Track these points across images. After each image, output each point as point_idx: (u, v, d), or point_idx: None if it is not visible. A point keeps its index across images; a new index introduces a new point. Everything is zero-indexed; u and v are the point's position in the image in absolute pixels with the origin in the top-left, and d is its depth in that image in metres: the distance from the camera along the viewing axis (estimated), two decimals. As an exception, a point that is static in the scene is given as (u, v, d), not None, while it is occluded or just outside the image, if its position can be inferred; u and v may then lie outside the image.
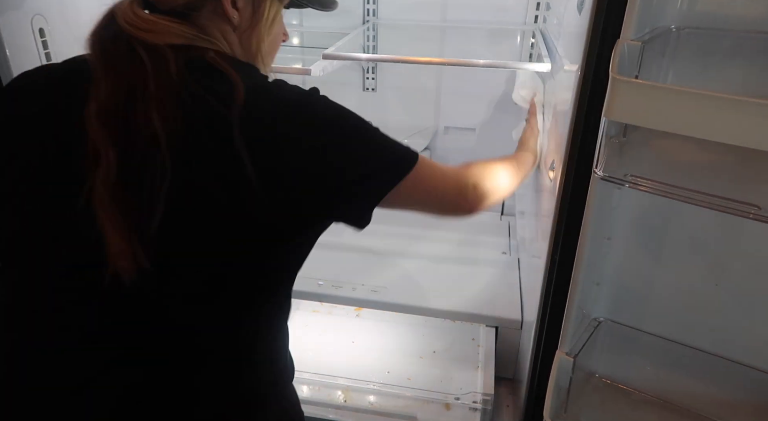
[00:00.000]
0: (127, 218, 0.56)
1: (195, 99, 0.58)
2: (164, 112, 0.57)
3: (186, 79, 0.59)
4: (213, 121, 0.57)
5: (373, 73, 1.72)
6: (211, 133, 0.57)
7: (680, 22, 0.73)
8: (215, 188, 0.57)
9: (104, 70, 0.59)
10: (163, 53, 0.59)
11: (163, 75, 0.58)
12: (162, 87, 0.58)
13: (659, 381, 0.87)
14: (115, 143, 0.56)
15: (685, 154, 0.71)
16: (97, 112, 0.57)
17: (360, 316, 1.40)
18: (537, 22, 1.57)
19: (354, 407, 1.17)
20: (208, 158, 0.57)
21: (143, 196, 0.56)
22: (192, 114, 0.58)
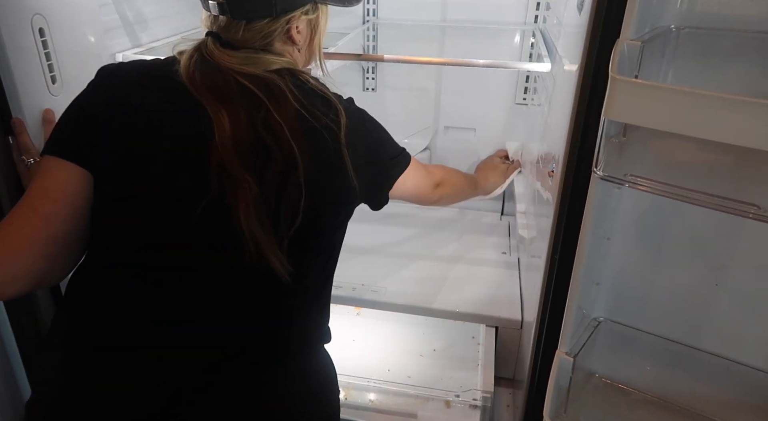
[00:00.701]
0: (269, 231, 0.67)
1: (313, 120, 0.71)
2: (290, 134, 0.68)
3: (300, 100, 0.71)
4: (328, 138, 0.72)
5: (373, 73, 1.72)
6: (327, 147, 0.72)
7: (680, 21, 0.73)
8: (333, 189, 0.74)
9: (221, 103, 0.68)
10: (272, 80, 0.71)
11: (280, 100, 0.70)
12: (282, 111, 0.69)
13: (659, 381, 0.87)
14: (250, 169, 0.66)
15: (685, 154, 0.71)
16: (225, 146, 0.66)
17: (360, 315, 1.41)
18: (537, 21, 1.57)
19: (354, 404, 1.17)
20: (328, 168, 0.72)
21: (282, 209, 0.68)
22: (312, 133, 0.71)
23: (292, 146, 0.68)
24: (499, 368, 1.27)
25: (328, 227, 0.77)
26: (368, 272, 1.41)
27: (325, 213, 0.75)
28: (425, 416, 1.15)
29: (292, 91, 0.71)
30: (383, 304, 1.32)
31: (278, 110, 0.69)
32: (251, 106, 0.69)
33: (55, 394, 0.70)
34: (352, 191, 0.76)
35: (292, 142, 0.68)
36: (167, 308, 0.70)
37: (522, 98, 1.67)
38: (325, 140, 0.72)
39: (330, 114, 0.73)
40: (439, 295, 1.33)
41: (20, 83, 0.86)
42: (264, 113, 0.69)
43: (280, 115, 0.69)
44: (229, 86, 0.70)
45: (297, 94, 0.72)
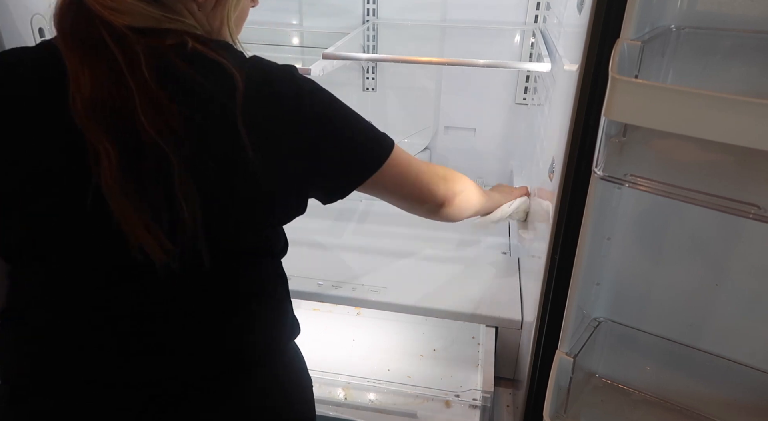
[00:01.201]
0: (142, 209, 0.57)
1: (195, 90, 0.59)
2: (154, 107, 0.56)
3: (168, 68, 0.59)
4: (216, 112, 0.59)
5: (373, 73, 1.72)
6: (215, 122, 0.59)
7: (680, 21, 0.73)
8: (220, 171, 0.60)
9: (79, 58, 0.57)
10: (131, 45, 0.58)
11: (137, 72, 0.57)
12: (141, 83, 0.57)
13: (659, 381, 0.87)
14: (111, 137, 0.56)
15: (685, 154, 0.71)
16: (85, 106, 0.56)
17: (360, 314, 1.41)
18: (537, 21, 1.57)
19: (354, 404, 1.17)
20: (212, 145, 0.60)
21: (153, 185, 0.57)
22: (192, 105, 0.59)
23: (147, 120, 0.56)
24: (499, 368, 1.27)
25: (243, 226, 0.66)
26: (368, 272, 1.41)
27: (225, 208, 0.63)
28: (425, 416, 1.15)
29: (162, 57, 0.59)
30: (383, 304, 1.32)
31: (132, 75, 0.57)
32: (112, 67, 0.57)
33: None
34: (254, 181, 0.62)
35: (150, 116, 0.56)
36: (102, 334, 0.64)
37: (522, 98, 1.67)
38: (209, 117, 0.59)
39: (217, 81, 0.59)
40: (439, 295, 1.33)
41: (20, 83, 0.86)
42: (123, 78, 0.57)
43: (136, 83, 0.56)
44: (96, 39, 0.58)
45: (169, 59, 0.59)
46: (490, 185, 1.80)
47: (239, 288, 0.69)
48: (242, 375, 0.70)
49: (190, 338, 0.67)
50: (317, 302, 1.39)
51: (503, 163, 1.77)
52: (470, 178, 0.95)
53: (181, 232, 0.58)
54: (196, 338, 0.67)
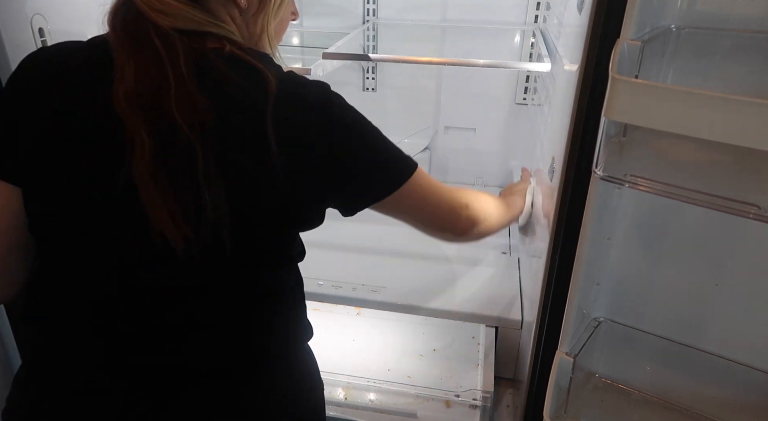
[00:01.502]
0: (168, 197, 0.59)
1: (229, 89, 0.61)
2: (189, 102, 0.59)
3: (213, 64, 0.62)
4: (247, 111, 0.61)
5: (373, 73, 1.72)
6: (245, 121, 0.61)
7: (680, 21, 0.73)
8: (246, 170, 0.62)
9: (126, 52, 0.60)
10: (174, 43, 0.61)
11: (176, 68, 0.60)
12: (179, 78, 0.59)
13: (659, 381, 0.87)
14: (148, 127, 0.58)
15: (685, 154, 0.71)
16: (126, 97, 0.58)
17: (360, 314, 1.41)
18: (537, 21, 1.57)
19: (354, 404, 1.17)
20: (240, 144, 0.62)
21: (181, 176, 0.59)
22: (225, 103, 0.61)
23: (183, 114, 0.59)
24: (499, 368, 1.27)
25: (264, 227, 0.67)
26: (368, 272, 1.41)
27: (248, 206, 0.64)
28: (425, 416, 1.15)
29: (204, 58, 0.62)
30: (383, 304, 1.32)
31: (172, 69, 0.60)
32: (158, 66, 0.60)
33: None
34: (277, 184, 0.63)
35: (185, 111, 0.59)
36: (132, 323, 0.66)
37: (522, 98, 1.67)
38: (240, 116, 0.62)
39: (253, 84, 0.62)
40: (439, 295, 1.33)
41: (20, 83, 0.86)
42: (167, 76, 0.60)
43: (174, 75, 0.59)
44: (143, 36, 0.61)
45: (210, 60, 0.62)
46: (490, 186, 1.81)
47: (257, 287, 0.70)
48: (255, 375, 0.71)
49: (207, 333, 0.68)
50: (317, 302, 1.39)
51: (503, 163, 1.77)
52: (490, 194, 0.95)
53: (204, 222, 0.60)
54: (213, 333, 0.68)
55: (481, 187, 1.81)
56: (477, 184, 1.81)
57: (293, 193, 0.65)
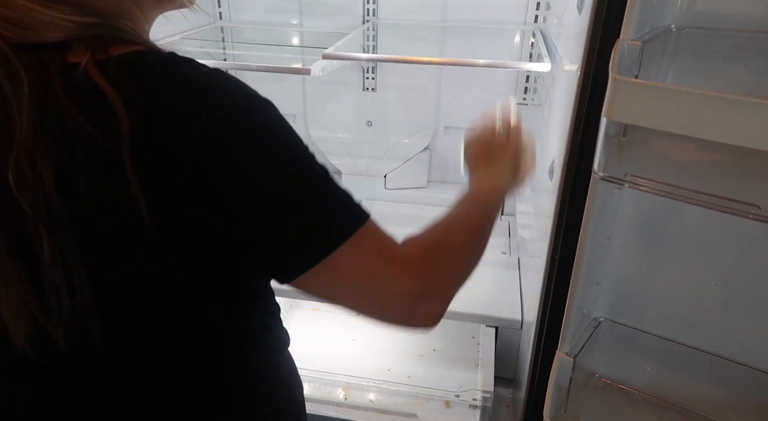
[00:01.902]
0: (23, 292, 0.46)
1: (74, 136, 0.43)
2: (28, 170, 0.43)
3: (56, 101, 0.43)
4: (99, 160, 0.43)
5: (373, 73, 1.72)
6: (100, 174, 0.44)
7: (680, 21, 0.73)
8: (113, 242, 0.46)
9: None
10: (17, 76, 0.43)
11: (19, 117, 0.42)
12: (22, 133, 0.42)
13: (659, 381, 0.87)
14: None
15: (685, 154, 0.71)
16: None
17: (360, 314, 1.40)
18: (537, 21, 1.57)
19: (354, 404, 1.17)
20: (99, 212, 0.45)
21: (33, 264, 0.45)
22: (72, 155, 0.44)
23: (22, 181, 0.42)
24: (499, 368, 1.26)
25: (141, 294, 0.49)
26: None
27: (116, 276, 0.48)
28: (425, 416, 1.15)
29: (47, 92, 0.43)
30: (383, 304, 1.31)
31: (6, 124, 0.43)
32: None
33: None
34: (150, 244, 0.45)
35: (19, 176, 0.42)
36: None
37: (522, 98, 1.67)
38: (93, 170, 0.43)
39: (103, 121, 0.43)
40: (439, 295, 1.33)
41: (20, 83, 0.86)
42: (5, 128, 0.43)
43: (18, 123, 0.42)
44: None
45: (53, 90, 0.43)
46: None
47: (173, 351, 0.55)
48: (237, 406, 0.60)
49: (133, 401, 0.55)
50: (317, 302, 1.38)
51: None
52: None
53: (57, 314, 0.47)
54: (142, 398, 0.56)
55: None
56: (477, 184, 1.81)
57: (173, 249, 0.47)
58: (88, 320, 0.47)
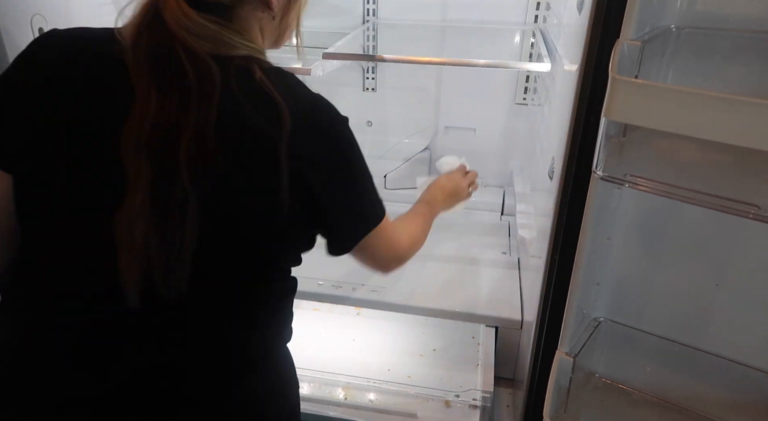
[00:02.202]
0: (161, 237, 0.57)
1: (245, 124, 0.60)
2: (201, 146, 0.57)
3: (236, 100, 0.59)
4: (261, 146, 0.60)
5: (373, 73, 1.72)
6: (259, 155, 0.60)
7: (680, 21, 0.73)
8: (254, 202, 0.62)
9: (147, 80, 0.57)
10: (210, 77, 0.58)
11: (203, 108, 0.57)
12: (201, 119, 0.57)
13: (659, 381, 0.87)
14: (151, 167, 0.56)
15: (685, 154, 0.71)
16: (137, 138, 0.56)
17: (360, 314, 1.41)
18: (537, 21, 1.57)
19: (354, 404, 1.17)
20: (252, 180, 0.61)
21: (176, 217, 0.58)
22: (239, 143, 0.60)
23: (195, 161, 0.57)
24: (499, 368, 1.26)
25: (261, 256, 0.67)
26: (368, 272, 1.41)
27: (251, 239, 0.64)
28: (425, 416, 1.15)
29: (228, 91, 0.59)
30: (383, 304, 1.32)
31: (197, 111, 0.57)
32: (182, 96, 0.57)
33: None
34: (285, 218, 0.63)
35: (194, 155, 0.57)
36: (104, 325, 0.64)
37: (522, 98, 1.67)
38: (252, 156, 0.60)
39: (270, 121, 0.60)
40: (439, 295, 1.33)
41: (20, 83, 0.86)
42: (188, 109, 0.57)
43: (196, 117, 0.57)
44: (170, 63, 0.57)
45: (234, 93, 0.59)
46: (490, 186, 1.80)
47: (249, 305, 0.69)
48: (231, 381, 0.69)
49: (186, 337, 0.66)
50: (317, 301, 1.39)
51: (503, 164, 1.77)
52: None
53: (183, 269, 0.59)
54: (191, 337, 0.67)
55: (481, 187, 1.80)
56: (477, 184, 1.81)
57: (290, 224, 0.65)
58: (198, 280, 0.60)
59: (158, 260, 0.58)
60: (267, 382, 0.74)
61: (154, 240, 0.57)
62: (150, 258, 0.58)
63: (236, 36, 0.62)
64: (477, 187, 1.22)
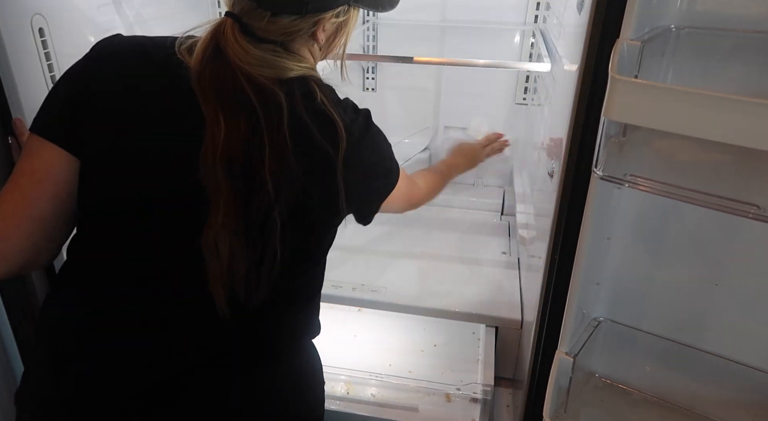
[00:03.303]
0: (247, 254, 0.64)
1: (311, 144, 0.66)
2: (283, 164, 0.64)
3: (299, 122, 0.66)
4: (323, 162, 0.68)
5: (373, 73, 1.72)
6: (321, 171, 0.68)
7: (680, 21, 0.73)
8: (321, 217, 0.71)
9: (214, 106, 0.63)
10: (272, 98, 0.64)
11: (273, 128, 0.63)
12: (275, 138, 0.63)
13: (659, 381, 0.87)
14: (231, 187, 0.62)
15: (685, 154, 0.71)
16: (213, 159, 0.61)
17: (361, 311, 1.41)
18: (537, 21, 1.57)
19: (356, 398, 1.18)
20: (318, 195, 0.68)
21: (259, 235, 0.64)
22: (307, 159, 0.66)
23: (277, 175, 0.64)
24: (499, 368, 1.27)
25: (314, 253, 0.76)
26: (368, 272, 1.41)
27: (309, 241, 0.72)
28: (426, 410, 1.15)
29: (293, 112, 0.66)
30: (383, 304, 1.32)
31: (269, 131, 0.64)
32: (249, 119, 0.64)
33: (43, 390, 0.70)
34: (341, 216, 0.74)
35: (275, 170, 0.64)
36: (154, 307, 0.69)
37: (522, 98, 1.67)
38: (318, 167, 0.68)
39: (330, 138, 0.68)
40: (439, 295, 1.33)
41: (20, 83, 0.86)
42: (258, 130, 0.64)
43: (269, 137, 0.64)
44: (235, 91, 0.64)
45: (298, 114, 0.66)
46: (490, 186, 1.81)
47: (292, 294, 0.76)
48: (258, 367, 0.74)
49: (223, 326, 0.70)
50: (317, 301, 1.39)
51: (503, 163, 1.77)
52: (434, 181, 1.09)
53: (266, 274, 0.66)
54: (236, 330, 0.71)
55: (481, 187, 1.81)
56: (477, 184, 1.81)
57: (342, 218, 0.75)
58: (273, 283, 0.67)
59: (240, 271, 0.64)
60: (292, 372, 0.79)
61: (238, 253, 0.63)
62: (234, 270, 0.64)
63: (292, 60, 0.69)
64: (494, 152, 1.33)
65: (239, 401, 0.71)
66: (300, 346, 0.81)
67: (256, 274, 0.66)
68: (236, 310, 0.67)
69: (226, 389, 0.71)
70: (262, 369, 0.74)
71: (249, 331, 0.73)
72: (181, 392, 0.69)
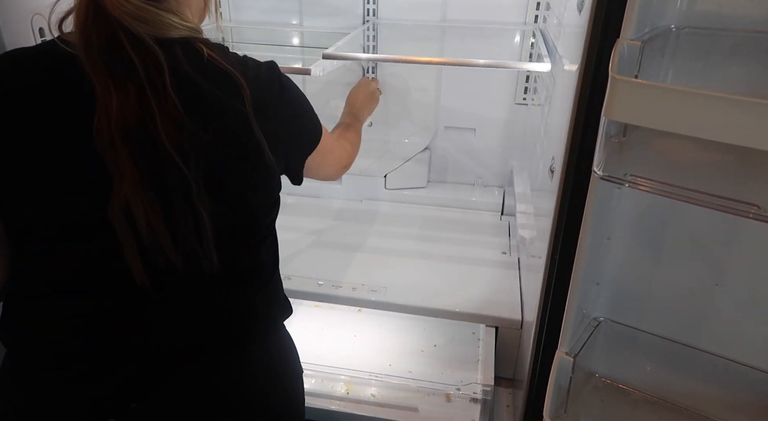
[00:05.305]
0: (172, 223, 0.62)
1: (207, 102, 0.64)
2: (176, 126, 0.61)
3: (192, 80, 0.63)
4: (231, 120, 0.65)
5: (373, 73, 1.72)
6: (231, 128, 0.65)
7: (680, 21, 0.73)
8: (247, 172, 0.68)
9: (103, 74, 0.60)
10: (155, 60, 0.61)
11: (159, 91, 0.60)
12: (164, 102, 0.60)
13: (659, 381, 0.87)
14: (136, 158, 0.60)
15: (685, 154, 0.71)
16: (110, 132, 0.59)
17: (361, 311, 1.41)
18: (537, 21, 1.57)
19: (356, 399, 1.18)
20: (235, 152, 0.66)
21: (174, 201, 0.62)
22: (209, 118, 0.64)
23: (176, 140, 0.61)
24: (499, 368, 1.27)
25: (259, 223, 0.74)
26: (368, 272, 1.41)
27: (246, 207, 0.70)
28: (426, 410, 1.15)
29: (177, 72, 0.62)
30: (383, 304, 1.32)
31: (155, 95, 0.60)
32: (136, 84, 0.60)
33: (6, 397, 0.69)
34: (270, 168, 0.70)
35: (173, 135, 0.61)
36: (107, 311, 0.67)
37: (522, 98, 1.67)
38: (226, 126, 0.65)
39: (232, 91, 0.65)
40: (439, 295, 1.33)
41: (20, 83, 0.86)
42: (146, 95, 0.60)
43: (157, 102, 0.60)
44: (120, 53, 0.60)
45: (185, 72, 0.63)
46: (490, 186, 1.81)
47: (247, 270, 0.74)
48: (232, 353, 0.73)
49: (186, 313, 0.70)
50: (317, 301, 1.39)
51: (503, 163, 1.77)
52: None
53: (197, 238, 0.64)
54: (191, 312, 0.70)
55: (481, 187, 1.81)
56: (477, 184, 1.81)
57: (276, 169, 0.72)
58: (207, 249, 0.65)
59: (166, 240, 0.62)
60: (264, 359, 0.77)
61: (156, 223, 0.61)
62: (160, 239, 0.62)
63: (174, 17, 0.65)
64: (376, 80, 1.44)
65: (213, 395, 0.71)
66: (270, 329, 0.79)
67: (193, 243, 0.64)
68: (181, 282, 0.66)
69: (198, 385, 0.70)
70: (233, 359, 0.72)
71: (211, 316, 0.71)
72: (150, 391, 0.68)
